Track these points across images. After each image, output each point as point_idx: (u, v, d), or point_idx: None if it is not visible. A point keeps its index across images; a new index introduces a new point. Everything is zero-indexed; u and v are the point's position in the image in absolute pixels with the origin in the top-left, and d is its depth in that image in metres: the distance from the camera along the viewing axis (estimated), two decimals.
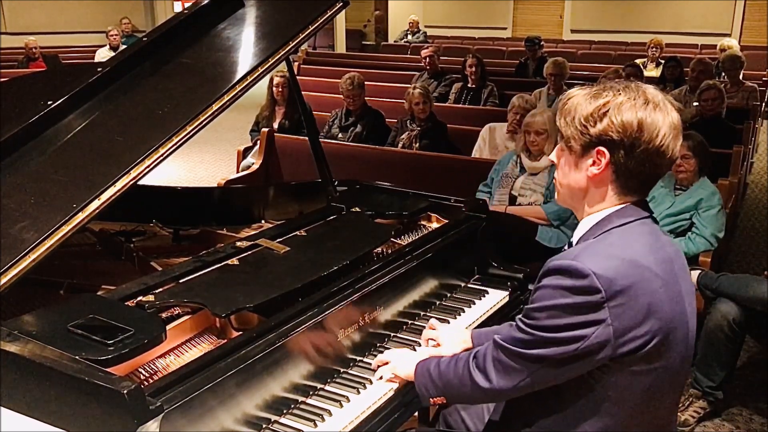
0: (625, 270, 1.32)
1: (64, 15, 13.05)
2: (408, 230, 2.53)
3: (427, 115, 5.16)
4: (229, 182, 4.90)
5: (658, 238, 1.43)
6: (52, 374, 1.37)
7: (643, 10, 13.76)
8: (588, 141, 1.40)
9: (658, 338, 1.35)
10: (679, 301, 1.41)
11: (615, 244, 1.37)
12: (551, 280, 1.36)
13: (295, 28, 2.27)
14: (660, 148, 1.37)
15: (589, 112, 1.39)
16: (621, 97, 1.38)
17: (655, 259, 1.37)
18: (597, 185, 1.43)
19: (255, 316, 1.79)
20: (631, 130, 1.35)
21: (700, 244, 3.47)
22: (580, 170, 1.44)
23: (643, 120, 1.35)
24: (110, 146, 1.91)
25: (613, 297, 1.30)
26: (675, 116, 1.39)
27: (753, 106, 6.28)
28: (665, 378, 1.42)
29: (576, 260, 1.34)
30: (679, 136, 1.40)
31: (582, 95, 1.43)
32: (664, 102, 1.39)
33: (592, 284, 1.30)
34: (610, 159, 1.39)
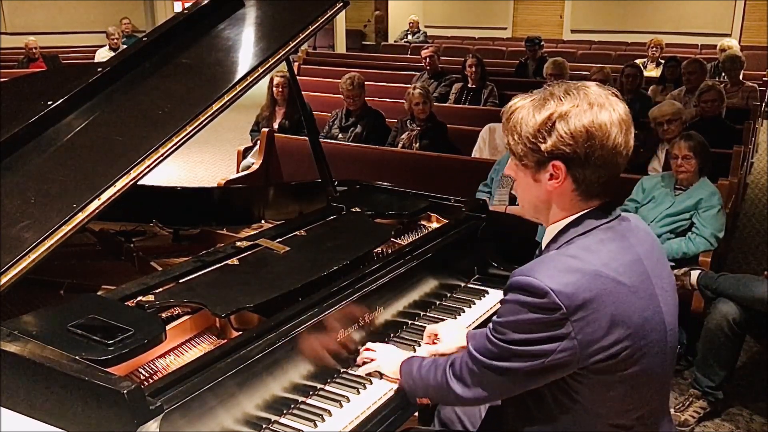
0: (586, 283, 1.30)
1: (64, 15, 13.05)
2: (408, 230, 2.53)
3: (427, 115, 5.16)
4: (229, 182, 4.90)
5: (624, 240, 1.40)
6: (52, 374, 1.37)
7: (643, 10, 13.76)
8: (541, 157, 1.37)
9: (629, 345, 1.33)
10: (652, 302, 1.38)
11: (576, 256, 1.34)
12: (513, 296, 1.35)
13: (295, 28, 2.27)
14: (615, 149, 1.34)
15: (536, 128, 1.36)
16: (565, 105, 1.34)
17: (620, 266, 1.34)
18: (559, 196, 1.41)
19: (255, 316, 1.79)
20: (581, 138, 1.32)
21: (700, 244, 3.47)
22: (540, 185, 1.41)
23: (592, 125, 1.32)
24: (110, 146, 1.91)
25: (575, 311, 1.29)
26: (622, 109, 1.36)
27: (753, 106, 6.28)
28: (645, 381, 1.40)
29: (534, 277, 1.31)
30: (630, 128, 1.37)
31: (525, 108, 1.39)
32: (608, 98, 1.36)
33: (551, 301, 1.29)
34: (566, 171, 1.36)
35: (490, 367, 1.41)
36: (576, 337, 1.30)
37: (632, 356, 1.34)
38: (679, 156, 3.55)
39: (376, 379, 1.83)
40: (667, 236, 3.56)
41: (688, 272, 3.24)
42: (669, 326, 1.43)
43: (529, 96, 1.41)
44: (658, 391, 1.47)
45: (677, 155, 3.56)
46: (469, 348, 1.48)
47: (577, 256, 1.34)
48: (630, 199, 3.80)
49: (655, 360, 1.40)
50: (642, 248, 1.41)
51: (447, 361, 1.57)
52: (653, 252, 1.44)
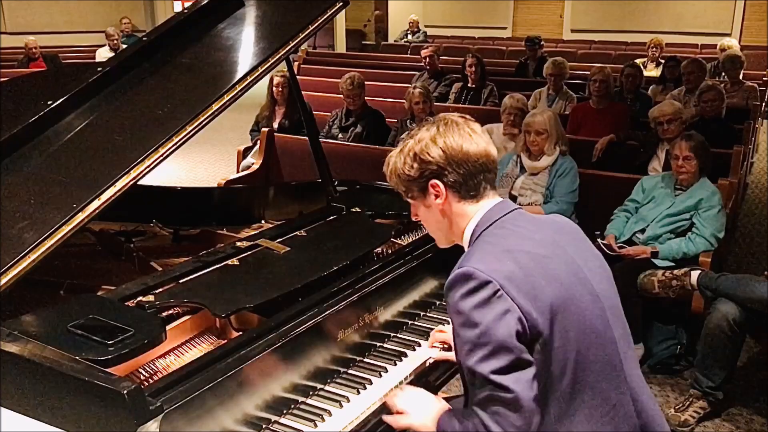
0: (505, 257, 1.43)
1: (64, 15, 13.05)
2: (408, 230, 2.53)
3: (428, 115, 5.15)
4: (229, 182, 4.90)
5: (530, 224, 1.55)
6: (52, 374, 1.37)
7: (643, 10, 13.76)
8: (419, 184, 1.58)
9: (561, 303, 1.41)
10: (572, 267, 1.49)
11: (488, 242, 1.50)
12: (450, 299, 1.44)
13: (295, 28, 2.27)
14: (468, 155, 1.54)
15: (404, 163, 1.60)
16: (417, 135, 1.58)
17: (530, 242, 1.49)
18: (450, 210, 1.58)
19: (255, 316, 1.79)
20: (440, 155, 1.54)
21: (700, 244, 3.47)
22: (433, 209, 1.60)
23: (444, 142, 1.54)
24: (110, 146, 1.92)
25: (505, 281, 1.39)
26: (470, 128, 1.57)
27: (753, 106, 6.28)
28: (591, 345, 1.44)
29: (458, 268, 1.44)
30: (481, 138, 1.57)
31: (394, 155, 1.64)
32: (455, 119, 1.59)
33: (481, 279, 1.39)
34: (443, 185, 1.56)
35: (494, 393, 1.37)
36: (517, 304, 1.38)
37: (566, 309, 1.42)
38: (679, 156, 3.55)
39: (376, 379, 1.84)
40: (667, 236, 3.55)
41: (688, 272, 3.24)
42: (600, 290, 1.51)
43: (398, 146, 1.65)
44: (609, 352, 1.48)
45: (678, 156, 3.56)
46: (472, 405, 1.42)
47: (490, 242, 1.50)
48: (630, 199, 3.80)
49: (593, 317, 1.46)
50: (549, 230, 1.56)
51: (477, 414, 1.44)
52: (565, 233, 1.59)
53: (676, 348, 3.48)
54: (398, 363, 1.92)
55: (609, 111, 5.26)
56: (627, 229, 3.69)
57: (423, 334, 2.07)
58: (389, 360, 1.93)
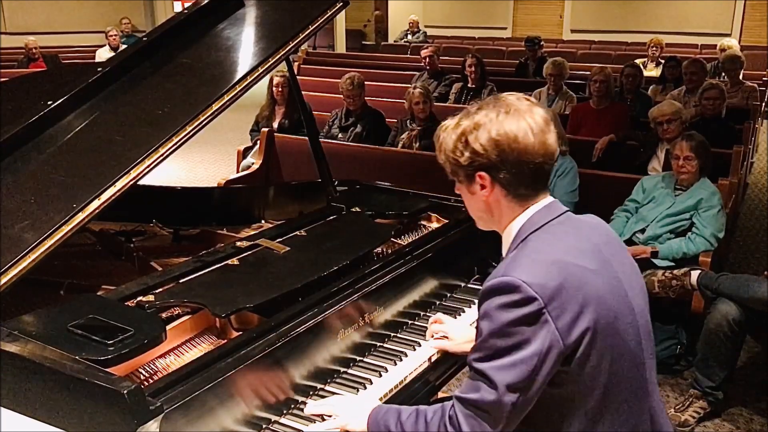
0: (553, 271, 1.35)
1: (64, 15, 13.05)
2: (408, 230, 2.53)
3: (427, 115, 5.16)
4: (229, 182, 4.90)
5: (578, 231, 1.47)
6: (52, 374, 1.37)
7: (643, 10, 13.76)
8: (466, 170, 1.47)
9: (600, 322, 1.36)
10: (616, 283, 1.43)
11: (537, 250, 1.41)
12: (486, 304, 1.37)
13: (295, 28, 2.27)
14: (525, 149, 1.41)
15: (453, 146, 1.47)
16: (475, 118, 1.45)
17: (579, 253, 1.40)
18: (495, 203, 1.49)
19: (255, 316, 1.79)
20: (492, 147, 1.42)
21: (700, 244, 3.47)
22: (476, 196, 1.50)
23: (498, 134, 1.41)
24: (110, 146, 1.91)
25: (550, 300, 1.32)
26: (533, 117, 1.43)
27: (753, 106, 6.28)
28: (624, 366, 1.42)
29: (504, 275, 1.36)
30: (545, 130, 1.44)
31: (447, 128, 1.50)
32: (518, 105, 1.45)
33: (527, 295, 1.32)
34: (491, 179, 1.45)
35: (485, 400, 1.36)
36: (556, 326, 1.33)
37: (606, 331, 1.37)
38: (680, 157, 3.55)
39: (376, 379, 1.83)
40: (667, 236, 3.56)
41: (688, 272, 3.25)
42: (637, 308, 1.47)
43: (453, 118, 1.51)
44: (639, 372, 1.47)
45: (679, 156, 3.56)
46: (456, 395, 1.41)
47: (539, 250, 1.41)
48: (630, 199, 3.80)
49: (629, 337, 1.43)
50: (598, 238, 1.48)
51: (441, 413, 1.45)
52: (610, 241, 1.51)
53: (676, 348, 3.49)
54: (398, 363, 1.92)
55: (609, 111, 5.26)
56: (627, 229, 3.70)
57: (423, 334, 2.07)
58: (389, 360, 1.93)
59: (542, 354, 1.32)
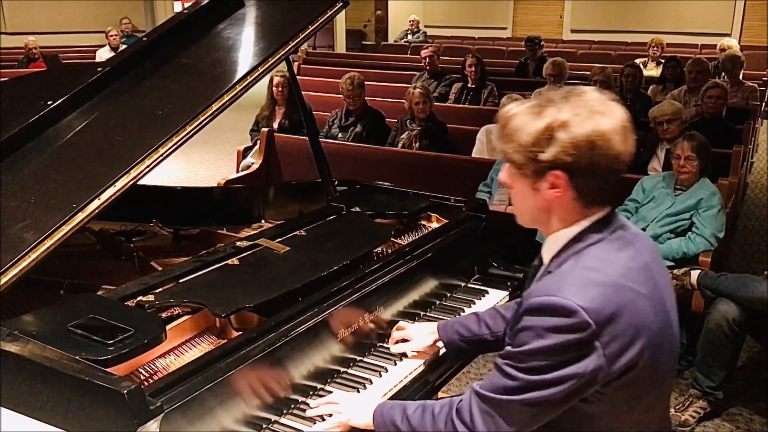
0: (609, 295, 1.27)
1: (64, 15, 13.05)
2: (408, 230, 2.53)
3: (427, 115, 5.16)
4: (229, 182, 4.90)
5: (632, 247, 1.38)
6: (52, 374, 1.37)
7: (643, 10, 13.76)
8: (540, 165, 1.32)
9: (649, 353, 1.31)
10: (663, 307, 1.37)
11: (593, 268, 1.31)
12: (536, 321, 1.28)
13: (295, 28, 2.27)
14: (617, 157, 1.31)
15: (535, 137, 1.31)
16: (564, 113, 1.29)
17: (634, 274, 1.33)
18: (559, 206, 1.37)
19: (255, 316, 1.79)
20: (583, 148, 1.28)
21: (700, 244, 3.47)
22: (538, 194, 1.37)
23: (593, 134, 1.28)
24: (110, 146, 1.92)
25: (604, 327, 1.25)
26: (622, 115, 1.33)
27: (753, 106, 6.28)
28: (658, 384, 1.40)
29: (559, 296, 1.26)
30: (630, 134, 1.33)
31: (522, 114, 1.34)
32: (607, 104, 1.32)
33: (581, 320, 1.24)
34: (568, 180, 1.32)
35: (512, 403, 1.32)
36: (604, 352, 1.26)
37: (651, 363, 1.33)
38: (681, 156, 3.55)
39: (376, 379, 1.84)
40: (667, 236, 3.55)
41: (688, 272, 3.24)
42: (675, 328, 1.42)
43: (525, 102, 1.36)
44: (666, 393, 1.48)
45: (680, 156, 3.56)
46: (477, 390, 1.37)
47: (596, 268, 1.31)
48: (630, 199, 3.79)
49: (667, 363, 1.40)
50: (647, 254, 1.40)
51: (450, 409, 1.42)
52: (655, 256, 1.44)
53: None
54: (398, 363, 1.92)
55: None
56: None
57: None
58: (389, 360, 1.93)
59: (582, 377, 1.27)
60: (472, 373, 3.42)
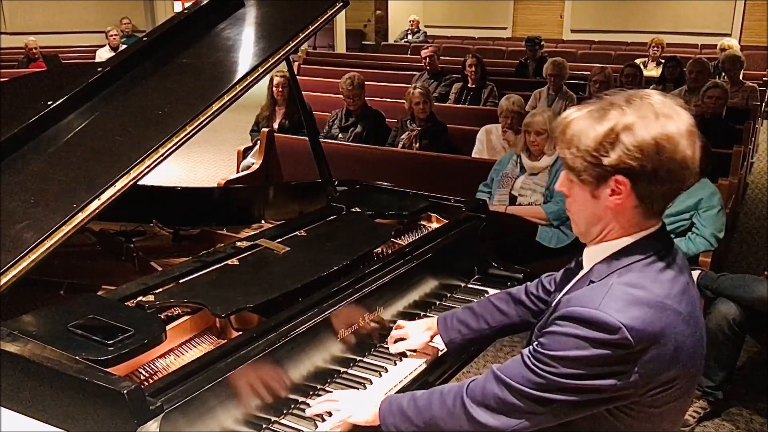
0: (653, 316, 1.24)
1: (64, 15, 13.05)
2: (408, 230, 2.53)
3: (427, 115, 5.16)
4: (229, 182, 4.90)
5: (675, 265, 1.33)
6: (52, 374, 1.37)
7: (643, 10, 13.76)
8: (602, 171, 1.27)
9: (684, 376, 1.30)
10: (699, 327, 1.34)
11: (639, 285, 1.27)
12: (573, 329, 1.25)
13: (295, 28, 2.27)
14: (684, 162, 1.25)
15: (597, 141, 1.26)
16: (629, 116, 1.24)
17: (677, 295, 1.29)
18: (619, 213, 1.31)
19: (255, 316, 1.79)
20: (649, 152, 1.23)
21: (700, 244, 3.47)
22: (598, 201, 1.32)
23: (660, 137, 1.23)
24: (110, 146, 1.91)
25: (644, 348, 1.23)
26: (688, 119, 1.28)
27: (753, 106, 6.29)
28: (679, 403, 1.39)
29: (603, 311, 1.23)
30: (696, 139, 1.28)
31: (583, 118, 1.29)
32: (673, 107, 1.27)
33: (623, 338, 1.21)
34: (631, 186, 1.27)
35: (531, 397, 1.30)
36: (639, 372, 1.24)
37: (683, 384, 1.32)
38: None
39: (376, 379, 1.84)
40: None
41: None
42: (704, 345, 1.39)
43: (585, 106, 1.32)
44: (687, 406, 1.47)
45: None
46: (497, 373, 1.36)
47: (642, 286, 1.27)
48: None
49: (695, 381, 1.39)
50: (687, 272, 1.37)
51: (461, 387, 1.42)
52: (690, 273, 1.40)
53: None
54: (398, 363, 1.92)
55: None
56: None
57: None
58: (389, 360, 1.93)
59: (608, 392, 1.25)
60: (472, 373, 3.42)
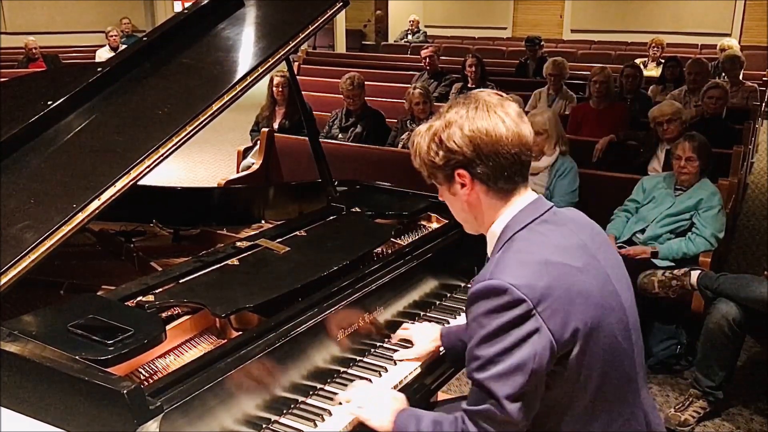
0: (539, 272, 1.34)
1: (64, 15, 13.05)
2: (408, 230, 2.53)
3: (427, 115, 5.15)
4: (229, 182, 4.90)
5: (564, 227, 1.45)
6: (52, 374, 1.37)
7: (643, 10, 13.76)
8: (444, 171, 1.46)
9: (591, 321, 1.35)
10: (603, 279, 1.42)
11: (522, 251, 1.39)
12: (476, 308, 1.35)
13: (295, 28, 2.27)
14: (499, 143, 1.41)
15: (427, 147, 1.47)
16: (446, 117, 1.44)
17: (565, 251, 1.39)
18: (477, 202, 1.48)
19: (255, 316, 1.79)
20: (464, 144, 1.41)
21: (700, 244, 3.47)
22: (458, 197, 1.49)
23: (471, 130, 1.41)
24: (110, 146, 1.91)
25: (539, 301, 1.31)
26: (505, 110, 1.43)
27: (753, 106, 6.28)
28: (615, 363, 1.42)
29: (491, 278, 1.34)
30: (517, 122, 1.43)
31: (420, 132, 1.50)
32: (488, 99, 1.44)
33: (513, 296, 1.31)
34: (470, 175, 1.44)
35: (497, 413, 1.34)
36: (548, 326, 1.31)
37: (596, 329, 1.37)
38: (682, 157, 3.55)
39: (376, 379, 1.84)
40: (667, 236, 3.56)
41: (688, 272, 3.24)
42: (626, 303, 1.47)
43: (427, 121, 1.51)
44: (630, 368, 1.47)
45: (681, 156, 3.56)
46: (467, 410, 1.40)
47: (523, 250, 1.39)
48: (630, 200, 3.80)
49: (619, 333, 1.42)
50: (583, 234, 1.47)
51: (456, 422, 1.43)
52: (595, 236, 1.50)
53: (676, 348, 3.48)
54: (398, 363, 1.92)
55: (609, 111, 5.26)
56: (627, 230, 3.70)
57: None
58: (389, 360, 1.93)
59: (537, 356, 1.31)
60: None
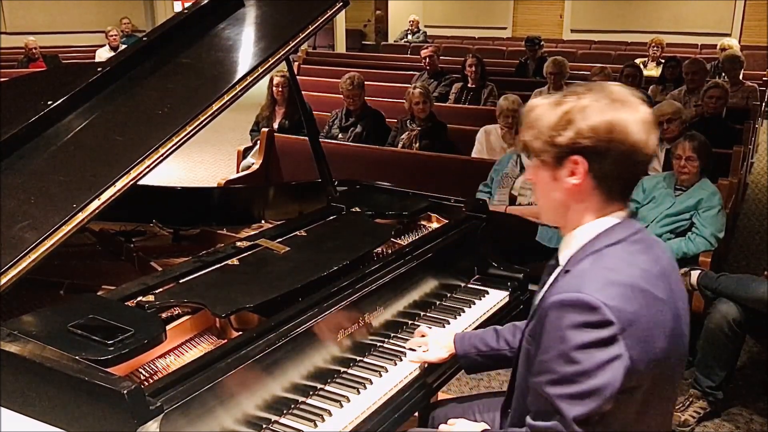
0: (629, 297, 1.27)
1: (64, 15, 13.05)
2: (408, 230, 2.53)
3: (427, 115, 5.16)
4: (229, 182, 4.90)
5: (651, 251, 1.39)
6: (52, 374, 1.37)
7: (643, 10, 13.76)
8: (559, 152, 1.36)
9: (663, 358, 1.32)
10: (677, 312, 1.37)
11: (613, 269, 1.31)
12: (561, 319, 1.28)
13: (295, 28, 2.27)
14: (634, 146, 1.32)
15: (554, 122, 1.35)
16: (584, 100, 1.33)
17: (653, 279, 1.33)
18: (579, 197, 1.38)
19: (255, 316, 1.79)
20: (600, 132, 1.31)
21: (700, 244, 3.47)
22: (559, 183, 1.39)
23: (611, 120, 1.31)
24: (110, 146, 1.91)
25: (627, 327, 1.25)
26: (644, 111, 1.35)
27: (753, 106, 6.28)
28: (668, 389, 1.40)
29: (582, 291, 1.27)
30: (652, 130, 1.35)
31: (544, 105, 1.39)
32: (630, 98, 1.35)
33: (605, 317, 1.24)
34: (587, 166, 1.34)
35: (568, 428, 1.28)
36: (630, 354, 1.26)
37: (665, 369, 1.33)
38: (682, 157, 3.55)
39: (377, 379, 1.84)
40: (667, 236, 3.55)
41: (688, 272, 3.24)
42: (686, 335, 1.43)
43: (549, 96, 1.41)
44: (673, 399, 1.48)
45: (681, 156, 3.56)
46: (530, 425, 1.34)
47: (614, 268, 1.31)
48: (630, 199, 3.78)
49: (677, 369, 1.40)
50: (665, 260, 1.41)
51: None
52: (672, 263, 1.44)
53: None
54: (398, 363, 1.92)
55: None
56: None
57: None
58: (389, 360, 1.93)
59: (614, 383, 1.25)
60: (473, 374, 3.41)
